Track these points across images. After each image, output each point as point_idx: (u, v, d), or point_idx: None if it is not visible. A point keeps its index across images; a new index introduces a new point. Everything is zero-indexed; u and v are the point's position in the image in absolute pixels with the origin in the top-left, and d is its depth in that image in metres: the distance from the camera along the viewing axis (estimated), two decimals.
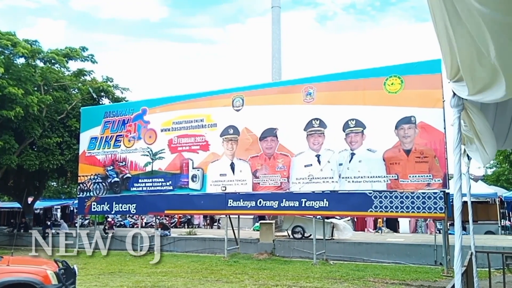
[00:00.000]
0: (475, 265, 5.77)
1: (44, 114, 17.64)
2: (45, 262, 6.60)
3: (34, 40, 17.67)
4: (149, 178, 14.88)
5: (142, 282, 9.32)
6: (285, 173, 12.57)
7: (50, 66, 18.28)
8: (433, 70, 10.51)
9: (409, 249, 12.61)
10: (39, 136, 17.60)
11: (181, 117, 14.56)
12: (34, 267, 6.03)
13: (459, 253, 2.73)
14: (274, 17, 19.88)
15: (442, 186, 10.49)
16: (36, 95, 16.13)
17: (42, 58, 18.04)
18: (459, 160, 2.77)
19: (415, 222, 20.25)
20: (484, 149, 4.14)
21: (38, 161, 17.74)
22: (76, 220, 20.30)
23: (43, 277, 5.68)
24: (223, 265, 11.91)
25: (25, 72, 16.10)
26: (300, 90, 12.64)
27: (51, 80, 17.73)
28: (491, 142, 3.92)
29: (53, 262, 6.44)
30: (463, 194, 5.25)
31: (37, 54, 17.40)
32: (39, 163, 17.77)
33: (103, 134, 15.99)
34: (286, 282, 9.25)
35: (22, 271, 5.79)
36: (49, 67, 18.12)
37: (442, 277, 9.87)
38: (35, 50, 17.15)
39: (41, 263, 6.44)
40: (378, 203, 11.12)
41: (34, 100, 15.70)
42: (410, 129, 10.97)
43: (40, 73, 17.48)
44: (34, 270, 5.83)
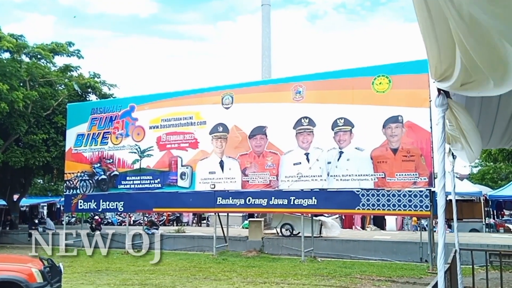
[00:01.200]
0: (459, 262, 5.89)
1: (29, 110, 17.31)
2: (30, 260, 6.49)
3: (19, 35, 17.31)
4: (137, 175, 14.75)
5: (129, 280, 9.26)
6: (274, 171, 12.61)
7: (36, 61, 17.93)
8: (420, 70, 10.65)
9: (395, 247, 12.80)
10: (25, 132, 17.28)
11: (170, 114, 14.46)
12: (18, 265, 5.93)
13: (443, 251, 2.76)
14: (264, 15, 19.88)
15: (428, 185, 10.66)
16: (22, 91, 15.80)
17: (28, 53, 17.68)
18: (443, 159, 2.82)
19: (401, 220, 20.54)
20: (470, 147, 4.21)
21: (23, 158, 17.42)
22: (63, 218, 20.05)
23: (28, 275, 5.60)
24: (212, 262, 11.91)
25: (10, 67, 15.75)
26: (290, 89, 12.67)
27: (37, 75, 17.39)
28: (476, 141, 3.99)
29: (38, 260, 6.34)
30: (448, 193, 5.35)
31: (23, 48, 17.04)
32: (24, 160, 17.45)
33: (90, 131, 15.77)
34: (274, 279, 9.30)
35: (6, 269, 5.69)
36: (35, 62, 17.76)
37: (427, 274, 10.04)
38: (21, 45, 16.80)
39: (26, 261, 6.34)
40: (365, 201, 11.25)
41: (20, 96, 15.39)
42: (397, 128, 11.11)
43: (25, 68, 17.11)
44: (18, 268, 5.73)
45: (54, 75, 18.79)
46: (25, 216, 26.62)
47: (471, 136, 3.76)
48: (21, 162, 17.33)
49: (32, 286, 5.54)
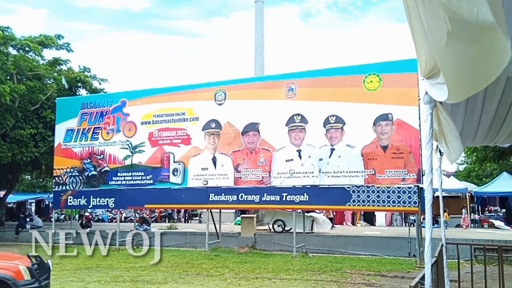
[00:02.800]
0: (446, 256, 6.06)
1: (17, 104, 16.98)
2: (17, 257, 6.33)
3: (6, 27, 16.94)
4: (128, 171, 14.68)
5: (120, 277, 9.21)
6: (266, 168, 12.70)
7: (24, 54, 17.59)
8: (409, 69, 10.84)
9: (385, 242, 13.04)
10: (12, 127, 16.92)
11: (162, 110, 14.42)
12: (5, 262, 5.78)
13: (430, 245, 2.84)
14: (258, 12, 19.90)
15: (416, 181, 10.88)
16: (9, 84, 15.47)
17: (15, 46, 17.33)
18: (430, 155, 2.92)
19: (391, 215, 20.87)
20: (449, 149, 4.32)
21: (10, 153, 17.09)
22: (52, 215, 19.84)
23: (15, 272, 5.48)
24: (204, 259, 11.96)
25: None
26: (282, 86, 12.76)
27: (24, 68, 17.06)
28: (455, 144, 4.09)
29: (26, 257, 6.15)
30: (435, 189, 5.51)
31: (10, 41, 16.67)
32: (11, 155, 17.12)
33: (80, 126, 15.62)
34: (266, 275, 9.41)
35: None
36: (22, 55, 17.41)
37: (415, 268, 10.27)
38: (8, 37, 16.44)
39: (13, 258, 6.19)
40: (356, 197, 11.44)
41: (6, 89, 15.06)
42: (387, 126, 11.30)
43: (12, 61, 16.72)
44: (5, 266, 5.60)
45: (42, 69, 18.47)
46: (12, 213, 26.25)
47: (451, 140, 3.86)
48: (8, 157, 17.02)
49: (20, 284, 5.41)
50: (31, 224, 18.72)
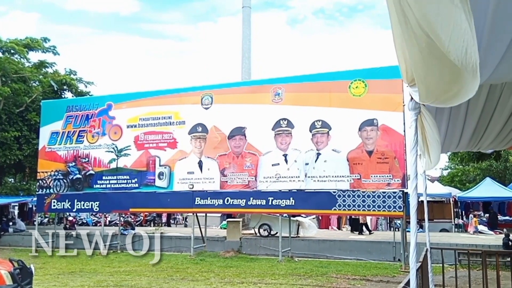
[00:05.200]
0: (430, 260, 6.13)
1: (1, 107, 16.70)
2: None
3: None
4: (113, 175, 14.49)
5: (104, 282, 9.08)
6: (253, 172, 12.69)
7: (9, 56, 17.33)
8: (394, 75, 10.97)
9: (370, 246, 13.14)
10: None
11: (148, 114, 14.30)
12: None
13: (414, 249, 2.84)
14: (245, 17, 19.95)
15: (401, 186, 11.01)
16: None
17: (0, 48, 17.06)
18: (415, 161, 2.95)
19: (376, 220, 21.05)
20: (429, 156, 4.37)
21: None
22: (35, 218, 19.41)
23: None
24: (189, 263, 11.85)
25: None
26: (269, 90, 12.80)
27: (9, 71, 16.79)
28: (435, 152, 4.15)
29: (7, 262, 6.06)
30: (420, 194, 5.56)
31: None
32: None
33: (65, 129, 15.37)
34: (252, 279, 9.37)
35: None
36: (7, 58, 17.17)
37: (400, 273, 10.36)
38: None
39: None
40: (341, 201, 11.50)
41: None
42: (373, 131, 11.43)
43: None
44: None
45: (28, 71, 18.21)
46: None
47: (432, 146, 3.91)
48: None
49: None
50: (14, 228, 18.29)
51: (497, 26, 1.65)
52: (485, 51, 1.81)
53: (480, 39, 1.72)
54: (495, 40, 1.73)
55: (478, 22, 1.62)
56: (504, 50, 1.81)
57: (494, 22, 1.63)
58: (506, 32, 1.69)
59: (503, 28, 1.67)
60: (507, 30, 1.68)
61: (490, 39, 1.72)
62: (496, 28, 1.66)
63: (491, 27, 1.64)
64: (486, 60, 1.90)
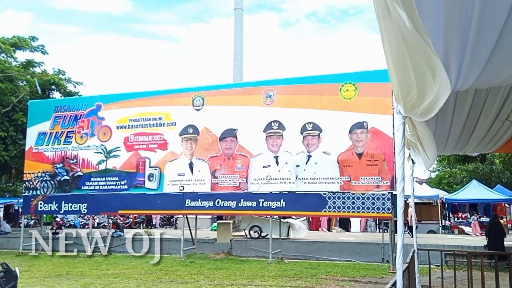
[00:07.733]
0: (417, 262, 6.22)
1: None
2: None
3: None
4: (102, 176, 14.32)
5: (91, 285, 8.96)
6: (243, 174, 12.69)
7: None
8: (384, 79, 11.10)
9: (359, 248, 13.25)
10: None
11: (138, 115, 14.19)
12: None
13: (401, 251, 2.89)
14: (237, 19, 19.98)
15: (390, 188, 11.15)
16: None
17: None
18: (402, 163, 3.01)
19: (365, 221, 21.23)
20: (426, 154, 4.49)
21: None
22: (21, 220, 19.07)
23: None
24: (179, 265, 11.78)
25: None
26: (261, 92, 12.84)
27: None
28: (432, 148, 4.27)
29: None
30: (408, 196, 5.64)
31: None
32: None
33: (53, 129, 15.14)
34: (242, 281, 9.36)
35: None
36: None
37: (388, 274, 10.47)
38: None
39: None
40: (331, 203, 11.59)
41: None
42: (363, 133, 11.55)
43: None
44: None
45: (15, 70, 17.93)
46: None
47: (427, 143, 4.01)
48: None
49: None
50: None
51: (482, 33, 1.71)
52: (470, 58, 1.87)
53: (465, 47, 1.78)
54: (480, 46, 1.79)
55: (463, 31, 1.68)
56: (488, 56, 1.87)
57: (479, 30, 1.68)
58: (490, 38, 1.75)
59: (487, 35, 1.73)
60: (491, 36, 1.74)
61: (475, 46, 1.78)
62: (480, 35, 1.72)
63: (475, 34, 1.70)
64: (471, 67, 1.96)
